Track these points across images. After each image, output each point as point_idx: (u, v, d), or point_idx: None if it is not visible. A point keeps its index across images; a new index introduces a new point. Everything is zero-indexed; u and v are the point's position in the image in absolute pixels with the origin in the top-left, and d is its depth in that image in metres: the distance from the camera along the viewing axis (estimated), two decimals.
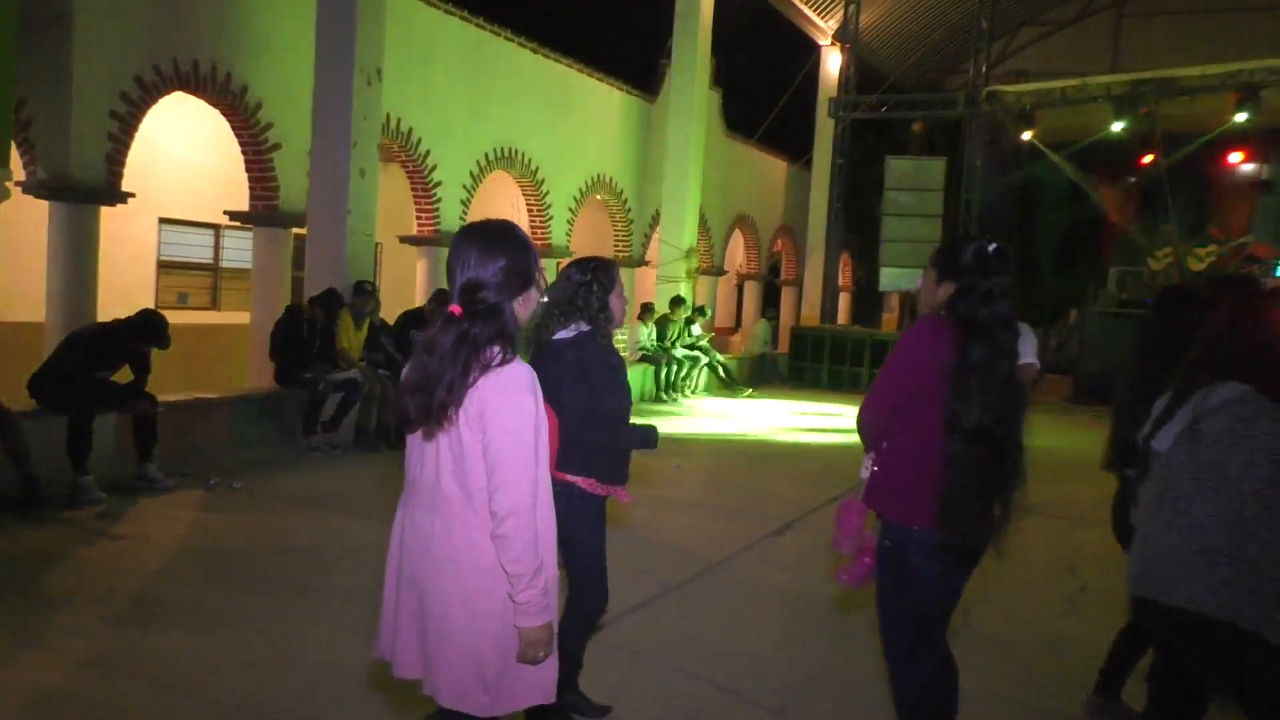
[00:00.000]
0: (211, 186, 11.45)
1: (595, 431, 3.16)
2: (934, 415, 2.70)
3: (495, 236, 2.18)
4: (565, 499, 2.89)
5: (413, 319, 9.17)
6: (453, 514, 2.12)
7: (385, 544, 2.30)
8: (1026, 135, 15.60)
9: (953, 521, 2.66)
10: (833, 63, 18.54)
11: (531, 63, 12.97)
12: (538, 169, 13.19)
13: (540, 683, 2.20)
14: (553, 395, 2.81)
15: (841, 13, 17.99)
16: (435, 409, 2.08)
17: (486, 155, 12.27)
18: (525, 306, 2.19)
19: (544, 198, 13.43)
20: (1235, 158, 16.80)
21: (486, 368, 2.08)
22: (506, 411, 2.08)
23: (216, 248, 12.46)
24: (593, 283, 3.26)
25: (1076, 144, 16.30)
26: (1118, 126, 14.96)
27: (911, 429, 2.77)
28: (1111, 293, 16.71)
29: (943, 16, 19.43)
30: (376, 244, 9.61)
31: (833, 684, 3.96)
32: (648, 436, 3.30)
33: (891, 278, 16.20)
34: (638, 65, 15.97)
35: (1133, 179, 17.85)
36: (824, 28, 18.44)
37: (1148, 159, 16.94)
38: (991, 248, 2.82)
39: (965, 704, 2.95)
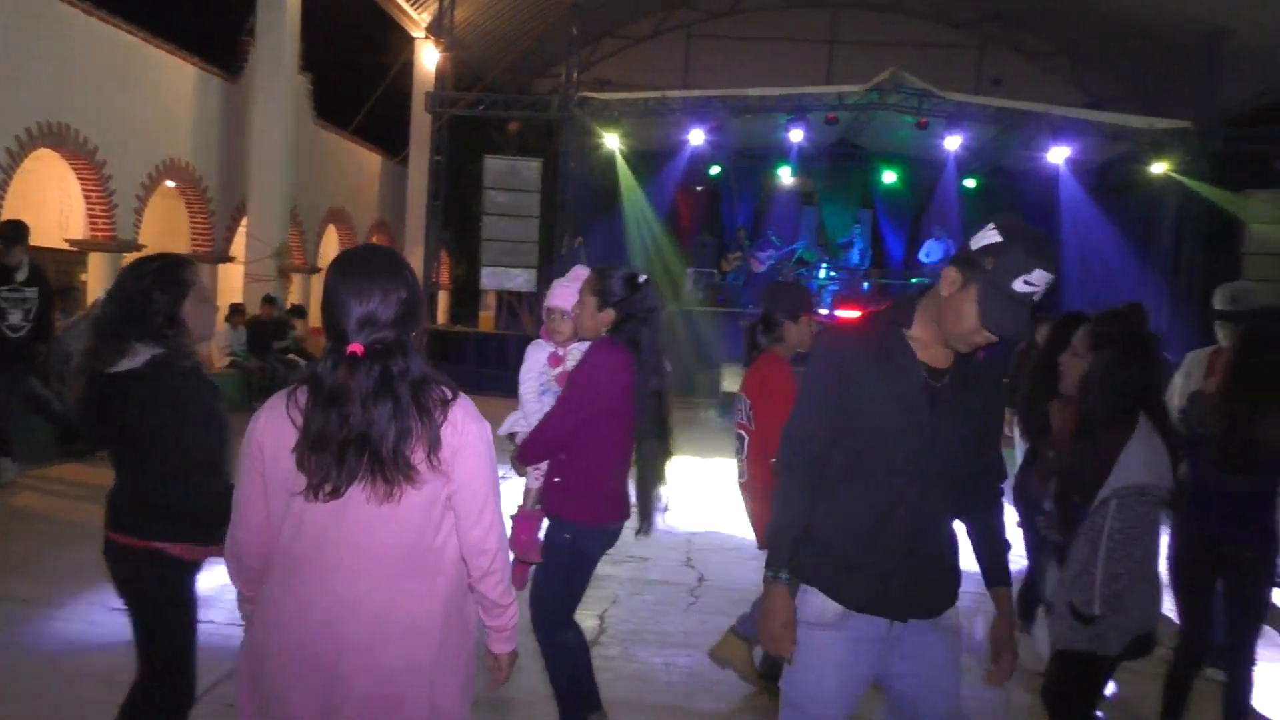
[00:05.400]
0: None
1: (185, 484, 2.63)
2: (615, 427, 3.14)
3: (394, 266, 1.95)
4: (149, 570, 2.63)
5: None
6: (391, 572, 1.90)
7: None
8: (614, 142, 16.43)
9: (646, 512, 3.19)
10: (428, 57, 18.22)
11: (82, 24, 11.21)
12: (96, 149, 11.46)
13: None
14: (118, 444, 2.63)
15: (436, 5, 17.72)
16: (390, 461, 1.83)
17: (28, 130, 10.42)
18: (418, 341, 2.00)
19: (106, 183, 11.71)
20: (785, 171, 18.92)
21: (446, 403, 1.91)
22: (482, 444, 1.96)
23: None
24: (153, 290, 2.61)
25: (658, 151, 17.48)
26: (693, 138, 16.26)
27: (594, 441, 3.15)
28: (688, 293, 18.12)
29: (533, 21, 19.87)
30: None
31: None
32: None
33: (493, 276, 16.29)
34: (216, 40, 14.51)
35: (700, 187, 19.54)
36: (417, 19, 18.04)
37: (715, 169, 18.64)
38: (641, 277, 3.24)
39: None
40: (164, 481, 2.58)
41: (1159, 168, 15.07)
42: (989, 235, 2.18)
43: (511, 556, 3.21)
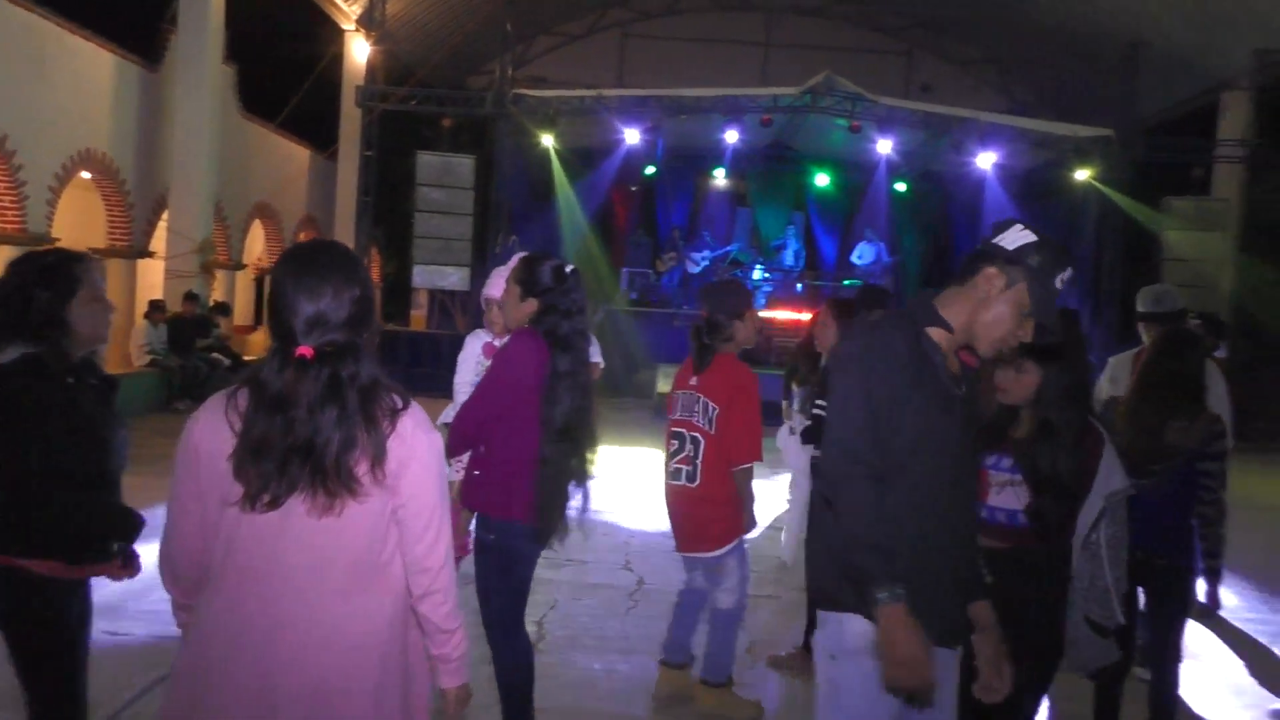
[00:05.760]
0: None
1: (48, 496, 2.40)
2: (530, 420, 3.02)
3: (347, 263, 1.85)
4: (10, 590, 2.41)
5: None
6: (333, 588, 1.80)
7: None
8: (549, 140, 16.29)
9: (546, 511, 3.03)
10: (358, 50, 17.85)
11: None
12: (5, 138, 10.95)
13: None
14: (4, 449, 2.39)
15: None
16: (333, 472, 1.72)
17: None
18: (370, 343, 1.87)
19: (15, 173, 11.20)
20: (720, 172, 18.97)
21: (396, 413, 1.80)
22: (431, 457, 1.86)
23: None
24: (35, 287, 2.42)
25: (593, 150, 17.38)
26: (629, 137, 16.20)
27: (511, 433, 3.06)
28: (624, 293, 18.08)
29: (467, 16, 19.62)
30: None
31: None
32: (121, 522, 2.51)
33: (425, 274, 16.04)
34: (135, 26, 14.00)
35: (635, 187, 19.49)
36: (347, 11, 17.65)
37: (650, 169, 18.60)
38: (569, 268, 3.15)
39: None
40: (23, 490, 2.35)
41: (1082, 174, 15.46)
42: (1025, 235, 2.17)
43: None
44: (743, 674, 4.18)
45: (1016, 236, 2.17)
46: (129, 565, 2.55)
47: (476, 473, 3.15)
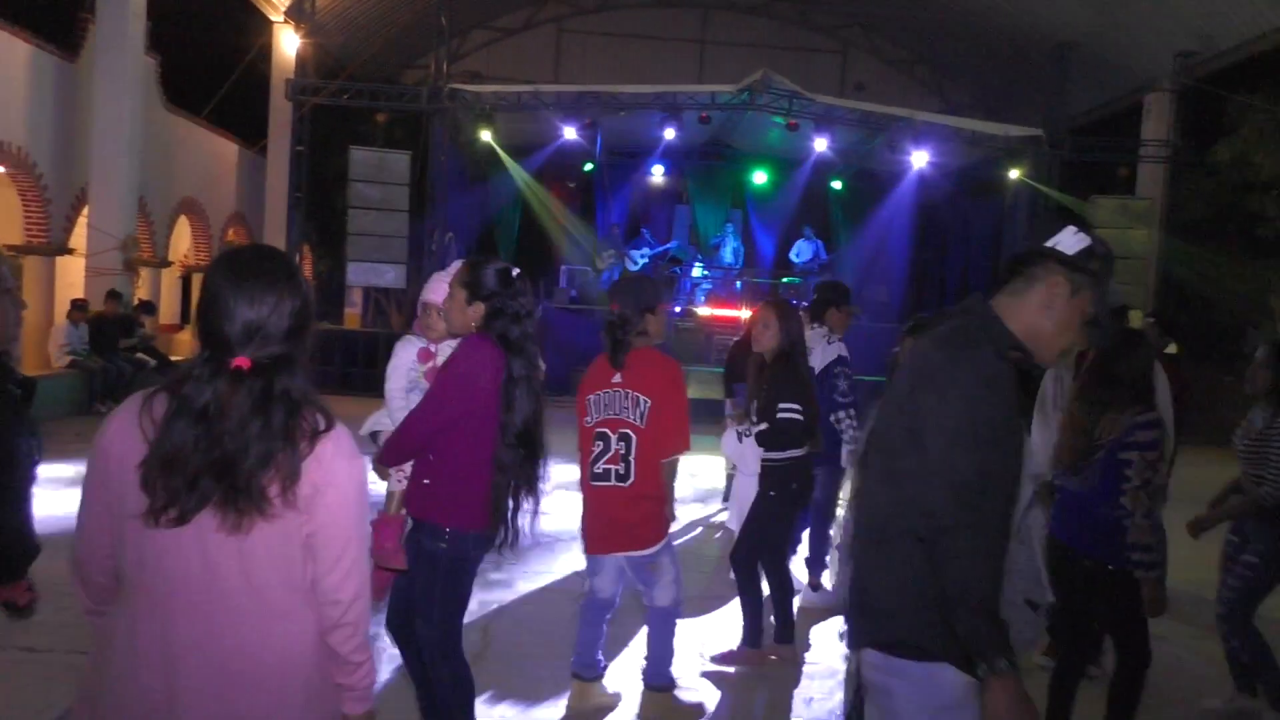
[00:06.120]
0: None
1: None
2: (485, 426, 2.95)
3: (288, 271, 1.75)
4: None
5: None
6: (243, 610, 1.69)
7: None
8: (487, 135, 16.09)
9: (502, 518, 2.98)
10: (287, 42, 17.42)
11: None
12: None
13: None
14: None
15: None
16: (245, 489, 1.63)
17: None
18: (305, 357, 1.77)
19: None
20: (659, 169, 18.93)
21: (316, 435, 1.70)
22: (350, 485, 1.76)
23: None
24: None
25: (530, 146, 17.20)
26: (567, 134, 16.06)
27: (464, 440, 2.98)
28: (563, 290, 17.92)
29: (400, 9, 19.30)
30: None
31: None
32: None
33: (361, 272, 15.72)
34: (51, 14, 13.47)
35: (573, 183, 19.35)
36: (275, 2, 17.22)
37: (588, 166, 18.48)
38: (515, 271, 3.11)
39: None
40: None
41: (1013, 173, 15.74)
42: (1082, 239, 2.08)
43: (372, 564, 3.06)
44: (687, 676, 4.13)
45: (1074, 240, 2.07)
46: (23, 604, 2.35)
47: (426, 481, 3.06)
